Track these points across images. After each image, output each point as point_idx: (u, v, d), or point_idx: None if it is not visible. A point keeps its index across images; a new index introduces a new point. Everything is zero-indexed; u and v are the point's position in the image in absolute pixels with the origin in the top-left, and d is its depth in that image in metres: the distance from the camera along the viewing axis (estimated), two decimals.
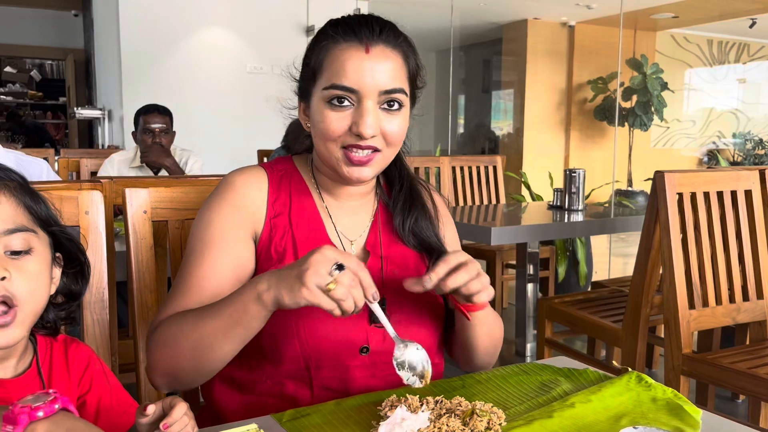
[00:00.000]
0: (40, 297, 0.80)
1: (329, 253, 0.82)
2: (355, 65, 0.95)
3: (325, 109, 0.97)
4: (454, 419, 0.81)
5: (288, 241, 1.02)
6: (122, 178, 1.97)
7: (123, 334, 2.03)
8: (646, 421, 0.83)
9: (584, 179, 3.03)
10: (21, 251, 0.77)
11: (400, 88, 0.98)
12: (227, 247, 1.00)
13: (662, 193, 1.87)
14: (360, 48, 0.96)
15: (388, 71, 0.96)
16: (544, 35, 8.46)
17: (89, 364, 0.87)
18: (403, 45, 1.00)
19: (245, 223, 1.02)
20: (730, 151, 9.24)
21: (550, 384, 0.96)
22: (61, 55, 8.59)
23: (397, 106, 0.98)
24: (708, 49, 9.31)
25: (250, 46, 5.83)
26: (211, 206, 1.03)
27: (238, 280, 1.00)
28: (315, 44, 1.01)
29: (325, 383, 0.97)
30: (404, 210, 1.10)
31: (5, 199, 0.78)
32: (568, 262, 3.84)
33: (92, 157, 3.23)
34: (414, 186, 1.13)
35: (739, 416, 2.49)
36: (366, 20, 0.99)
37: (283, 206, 1.05)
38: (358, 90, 0.95)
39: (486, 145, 9.31)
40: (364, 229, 1.09)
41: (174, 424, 0.71)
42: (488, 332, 1.06)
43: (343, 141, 0.97)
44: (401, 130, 1.00)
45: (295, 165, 1.11)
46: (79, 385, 0.86)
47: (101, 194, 1.15)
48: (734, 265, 1.96)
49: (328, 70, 0.97)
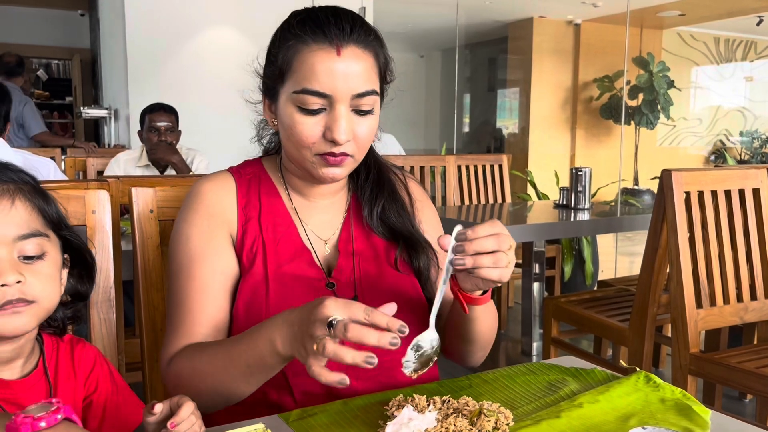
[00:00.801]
0: (53, 298, 0.80)
1: (324, 311, 0.74)
2: (327, 69, 0.91)
3: (296, 114, 0.94)
4: (462, 419, 0.80)
5: (258, 246, 1.01)
6: (129, 178, 1.97)
7: (129, 332, 2.04)
8: (655, 421, 0.83)
9: (590, 178, 3.02)
10: (34, 256, 0.78)
11: (372, 90, 0.95)
12: (213, 259, 0.99)
13: (669, 191, 1.86)
14: (331, 50, 0.92)
15: (361, 73, 0.93)
16: (550, 33, 8.43)
17: (95, 364, 0.88)
18: (374, 43, 0.96)
19: (222, 230, 1.01)
20: (737, 149, 9.19)
21: (557, 384, 0.96)
22: (67, 54, 8.62)
23: (368, 109, 0.96)
24: (715, 46, 9.27)
25: (256, 45, 5.82)
26: (186, 219, 1.02)
27: (229, 291, 0.99)
28: (281, 41, 0.96)
29: (305, 389, 0.96)
30: (371, 198, 1.08)
31: (20, 204, 0.78)
32: (574, 261, 3.83)
33: (98, 157, 3.24)
34: (382, 173, 1.10)
35: (747, 416, 2.48)
36: (335, 18, 0.94)
37: (253, 211, 1.03)
38: (331, 95, 0.92)
39: (491, 143, 9.29)
40: (337, 227, 1.07)
41: (181, 423, 0.71)
42: (489, 326, 1.03)
43: (317, 149, 0.95)
44: (372, 132, 0.98)
45: (264, 167, 1.09)
46: (86, 386, 0.86)
47: (108, 193, 1.15)
48: (742, 264, 1.95)
49: (298, 72, 0.93)
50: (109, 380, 0.89)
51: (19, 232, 0.77)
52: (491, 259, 0.84)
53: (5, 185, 0.78)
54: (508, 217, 3.01)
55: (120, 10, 5.51)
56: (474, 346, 1.05)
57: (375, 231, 1.07)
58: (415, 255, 1.06)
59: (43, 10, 8.29)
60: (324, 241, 1.05)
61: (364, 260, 1.04)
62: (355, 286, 1.02)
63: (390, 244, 1.07)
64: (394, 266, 1.06)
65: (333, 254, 1.05)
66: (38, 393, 0.81)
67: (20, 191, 0.79)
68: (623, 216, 3.00)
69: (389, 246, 1.07)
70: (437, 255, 1.09)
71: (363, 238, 1.07)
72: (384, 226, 1.07)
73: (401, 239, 1.07)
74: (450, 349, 1.08)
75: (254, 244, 1.01)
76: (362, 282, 1.02)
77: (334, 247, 1.06)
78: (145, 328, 1.20)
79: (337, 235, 1.06)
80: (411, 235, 1.07)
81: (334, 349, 0.72)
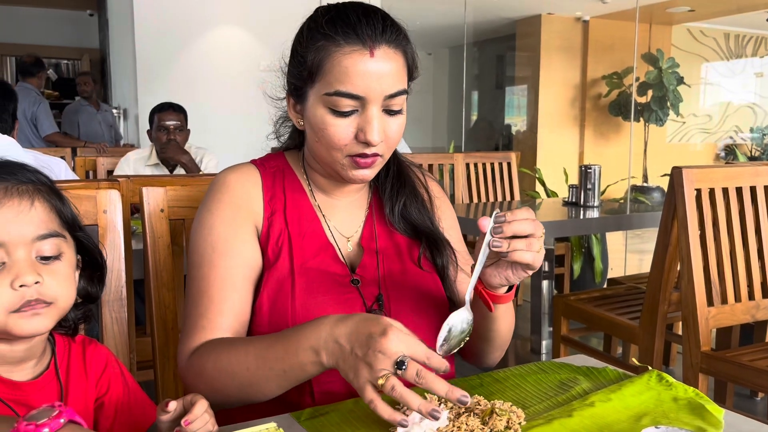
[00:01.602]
0: (70, 299, 0.80)
1: (394, 347, 0.73)
2: (360, 70, 0.91)
3: (328, 115, 0.93)
4: (474, 418, 0.80)
5: (284, 240, 1.00)
6: (139, 177, 1.98)
7: (140, 331, 2.05)
8: (668, 420, 0.82)
9: (599, 175, 3.01)
10: (51, 257, 0.78)
11: (403, 90, 0.95)
12: (236, 248, 0.98)
13: (680, 188, 1.85)
14: (364, 51, 0.91)
15: (393, 74, 0.93)
16: (558, 30, 8.40)
17: (107, 365, 0.88)
18: (404, 41, 0.96)
19: (247, 221, 1.01)
20: (748, 145, 9.13)
21: (569, 383, 0.95)
22: (76, 54, 8.66)
23: (398, 109, 0.96)
24: (725, 42, 9.20)
25: (263, 44, 5.84)
26: (210, 209, 1.01)
27: (252, 282, 0.99)
28: (310, 41, 0.95)
29: (326, 388, 0.95)
30: (392, 195, 1.08)
31: (39, 204, 0.78)
32: (584, 258, 3.82)
33: (108, 156, 3.25)
34: (402, 170, 1.11)
35: (758, 414, 2.47)
36: (366, 17, 0.93)
37: (279, 204, 1.03)
38: (364, 97, 0.92)
39: (500, 141, 9.27)
40: (359, 224, 1.07)
41: (195, 420, 0.72)
42: (508, 326, 1.04)
43: (349, 150, 0.95)
44: (401, 131, 0.98)
45: (287, 161, 1.09)
46: (97, 387, 0.86)
47: (119, 193, 1.16)
48: (754, 262, 1.93)
49: (329, 74, 0.92)
50: (121, 381, 0.89)
51: (38, 232, 0.77)
52: (525, 242, 0.85)
53: (24, 186, 0.78)
54: None
55: (129, 10, 5.53)
56: (491, 346, 1.06)
57: (397, 228, 1.07)
58: (437, 253, 1.07)
59: (52, 11, 8.33)
60: (347, 238, 1.06)
61: (387, 258, 1.05)
62: (379, 283, 1.02)
63: (412, 241, 1.08)
64: (417, 264, 1.06)
65: (355, 251, 1.05)
66: (49, 394, 0.81)
67: (39, 192, 0.79)
68: (633, 213, 2.99)
69: (411, 243, 1.07)
70: (456, 254, 1.09)
71: (385, 236, 1.07)
72: (405, 222, 1.07)
73: (423, 236, 1.07)
74: (467, 349, 1.08)
75: (280, 238, 1.00)
76: (386, 280, 1.02)
77: (357, 244, 1.06)
78: (156, 327, 1.21)
79: (360, 233, 1.07)
80: (432, 233, 1.07)
81: (401, 392, 0.72)
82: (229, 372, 0.88)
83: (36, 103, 5.03)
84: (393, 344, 0.74)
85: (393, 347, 0.74)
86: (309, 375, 0.84)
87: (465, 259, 1.11)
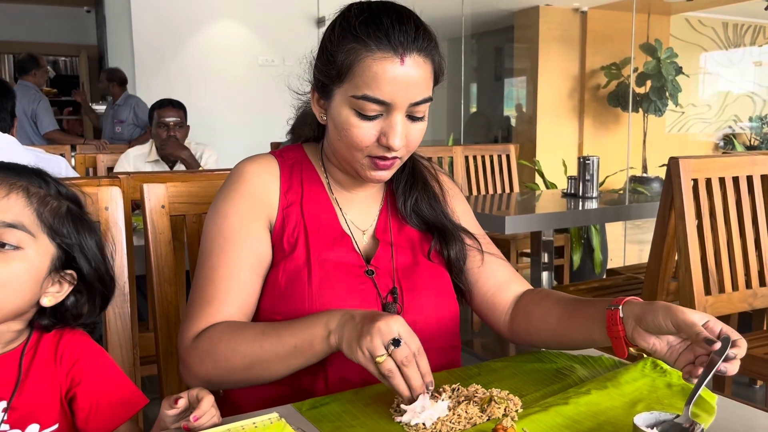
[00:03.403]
0: (11, 297, 0.79)
1: (394, 326, 0.81)
2: (389, 77, 0.92)
3: (353, 117, 0.95)
4: (473, 406, 0.82)
5: (300, 231, 1.02)
6: (139, 174, 1.99)
7: (143, 327, 2.07)
8: (662, 406, 0.84)
9: (598, 166, 3.01)
10: (6, 244, 0.78)
11: (428, 98, 0.97)
12: (247, 239, 1.00)
13: (677, 179, 1.86)
14: (395, 59, 0.92)
15: (420, 82, 0.94)
16: (557, 21, 8.38)
17: (80, 357, 0.86)
18: (434, 49, 0.97)
19: (261, 214, 1.03)
20: (747, 135, 9.12)
21: (565, 371, 0.97)
22: (74, 51, 8.65)
23: (421, 115, 0.98)
24: (723, 32, 9.18)
25: (261, 38, 5.84)
26: (226, 197, 1.03)
27: (259, 275, 1.01)
28: (341, 41, 0.95)
29: (340, 374, 0.97)
30: (405, 191, 1.10)
31: (15, 196, 0.80)
32: (583, 249, 3.83)
33: (108, 153, 3.26)
34: (415, 166, 1.13)
35: (757, 402, 2.49)
36: (399, 23, 0.93)
37: (295, 196, 1.05)
38: (391, 103, 0.93)
39: (499, 133, 9.26)
40: (374, 217, 1.09)
41: (203, 416, 0.74)
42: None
43: (370, 151, 0.97)
44: (422, 136, 1.00)
45: (305, 153, 1.10)
46: (68, 377, 0.85)
47: (120, 190, 1.17)
48: (751, 251, 1.95)
49: (358, 78, 0.93)
50: (98, 372, 0.87)
51: (2, 218, 0.78)
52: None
53: (11, 180, 0.80)
54: (516, 206, 3.01)
55: (126, 6, 5.52)
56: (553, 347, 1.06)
57: (409, 222, 1.10)
58: (446, 245, 1.09)
59: (49, 7, 8.32)
60: (362, 231, 1.08)
61: (400, 250, 1.07)
62: (393, 275, 1.04)
63: (423, 235, 1.10)
64: (427, 257, 1.08)
65: (370, 243, 1.08)
66: (5, 377, 0.81)
67: (23, 190, 0.80)
68: (631, 204, 3.00)
69: (423, 237, 1.10)
70: (477, 238, 1.12)
71: (398, 229, 1.09)
72: (417, 217, 1.10)
73: (435, 230, 1.10)
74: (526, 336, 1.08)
75: (296, 229, 1.03)
76: (399, 271, 1.05)
77: (372, 236, 1.08)
78: (159, 322, 1.22)
79: (374, 226, 1.09)
80: (443, 226, 1.10)
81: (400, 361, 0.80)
82: (241, 350, 0.91)
83: (36, 100, 5.04)
84: (395, 325, 0.81)
85: (394, 327, 0.81)
86: (316, 353, 0.88)
87: (486, 242, 1.14)
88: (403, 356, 0.80)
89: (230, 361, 0.92)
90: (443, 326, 1.05)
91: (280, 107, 4.88)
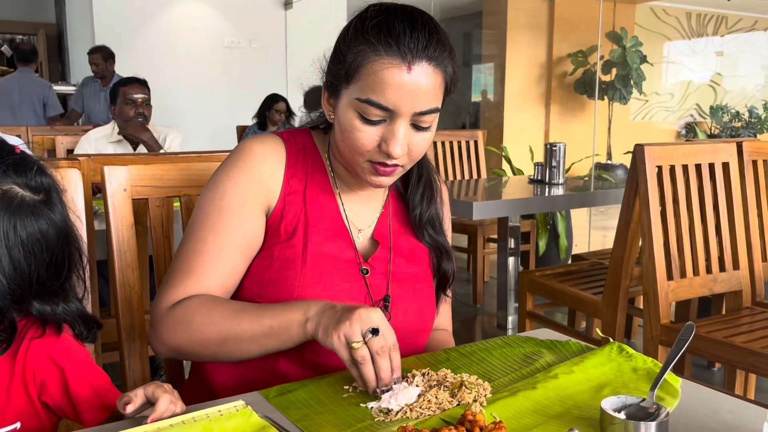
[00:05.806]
0: None
1: (374, 316, 0.83)
2: (394, 84, 0.90)
3: (356, 120, 0.93)
4: (443, 391, 0.82)
5: (300, 220, 1.01)
6: (100, 156, 1.94)
7: (105, 313, 2.02)
8: (627, 390, 0.85)
9: (564, 153, 3.04)
10: None
11: (434, 108, 0.94)
12: (241, 219, 0.99)
13: (642, 165, 1.88)
14: (402, 66, 0.89)
15: (427, 92, 0.92)
16: (525, 8, 8.42)
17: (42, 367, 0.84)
18: (446, 60, 0.94)
19: (260, 196, 1.01)
20: (708, 123, 9.33)
21: (533, 356, 0.97)
22: (32, 29, 8.38)
23: (427, 126, 0.95)
24: (687, 21, 9.34)
25: (227, 20, 5.73)
26: (228, 173, 1.01)
27: (246, 258, 1.00)
28: (352, 43, 0.93)
29: (319, 361, 0.97)
30: (422, 202, 1.09)
31: None
32: (549, 235, 3.88)
33: (69, 135, 3.16)
34: (430, 177, 1.11)
35: (715, 384, 2.56)
36: (411, 29, 0.90)
37: (299, 184, 1.03)
38: (394, 110, 0.91)
39: (467, 119, 9.30)
40: (374, 219, 1.08)
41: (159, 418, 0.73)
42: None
43: (370, 156, 0.95)
44: (427, 146, 0.98)
45: (314, 142, 1.08)
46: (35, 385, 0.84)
47: (79, 172, 1.13)
48: (711, 237, 1.99)
49: (364, 81, 0.91)
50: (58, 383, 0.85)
51: None
52: None
53: None
54: (484, 192, 3.03)
55: None
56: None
57: (416, 233, 1.09)
58: (446, 261, 1.10)
59: None
60: (359, 230, 1.07)
61: (399, 256, 1.06)
62: (388, 280, 1.04)
63: (422, 246, 1.10)
64: (422, 268, 1.09)
65: (366, 244, 1.07)
66: None
67: None
68: (597, 191, 3.04)
69: (422, 248, 1.10)
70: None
71: (399, 235, 1.09)
72: (427, 230, 1.09)
73: (436, 245, 1.10)
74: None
75: (296, 217, 1.01)
76: (394, 275, 1.04)
77: (369, 237, 1.07)
78: (121, 308, 1.19)
79: (373, 227, 1.08)
80: (445, 243, 1.10)
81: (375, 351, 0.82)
82: (217, 324, 0.91)
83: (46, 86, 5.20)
84: (375, 315, 0.83)
85: (374, 317, 0.83)
86: (292, 338, 0.88)
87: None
88: (379, 346, 0.81)
89: (204, 333, 0.91)
90: (422, 336, 1.08)
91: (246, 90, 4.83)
